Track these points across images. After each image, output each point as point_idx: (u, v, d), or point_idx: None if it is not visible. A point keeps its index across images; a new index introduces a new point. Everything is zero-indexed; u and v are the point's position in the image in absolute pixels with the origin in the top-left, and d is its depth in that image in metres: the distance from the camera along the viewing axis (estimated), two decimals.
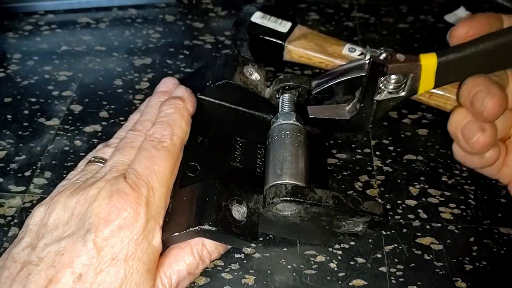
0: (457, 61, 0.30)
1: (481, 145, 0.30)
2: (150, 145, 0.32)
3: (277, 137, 0.34)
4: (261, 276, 0.34)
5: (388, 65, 0.30)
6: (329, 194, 0.31)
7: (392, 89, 0.32)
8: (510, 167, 0.33)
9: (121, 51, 0.51)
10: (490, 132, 0.30)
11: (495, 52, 0.29)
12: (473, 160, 0.32)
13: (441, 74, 0.30)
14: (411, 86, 0.31)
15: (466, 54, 0.29)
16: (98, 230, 0.28)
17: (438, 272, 0.34)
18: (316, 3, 0.57)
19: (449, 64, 0.30)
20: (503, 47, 0.29)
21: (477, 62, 0.29)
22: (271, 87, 0.38)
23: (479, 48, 0.29)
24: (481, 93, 0.29)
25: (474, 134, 0.30)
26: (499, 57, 0.29)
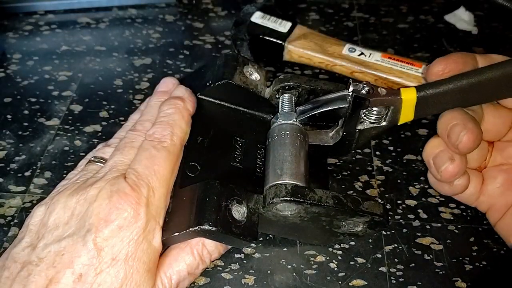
0: (435, 96, 0.32)
1: (449, 174, 0.32)
2: (150, 145, 0.32)
3: (277, 137, 0.34)
4: (261, 276, 0.34)
5: (370, 99, 0.32)
6: (329, 194, 0.31)
7: (374, 119, 0.34)
8: (486, 196, 0.35)
9: (121, 51, 0.51)
10: (458, 162, 0.32)
11: (470, 89, 0.31)
12: (444, 188, 0.34)
13: (420, 107, 0.32)
14: (392, 117, 0.33)
15: (443, 90, 0.31)
16: (98, 230, 0.28)
17: (438, 272, 0.34)
18: (316, 3, 0.57)
19: (427, 99, 0.32)
20: (477, 85, 0.31)
21: (454, 98, 0.32)
22: (271, 87, 0.38)
23: (456, 85, 0.31)
24: (457, 127, 0.31)
25: (444, 163, 0.32)
26: (473, 94, 0.32)
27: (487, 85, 0.31)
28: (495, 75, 0.31)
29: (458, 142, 0.31)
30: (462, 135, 0.30)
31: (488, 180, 0.35)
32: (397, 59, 0.44)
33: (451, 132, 0.31)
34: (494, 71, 0.31)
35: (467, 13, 0.55)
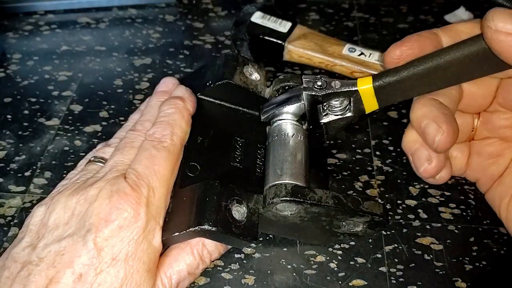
0: (393, 84, 0.30)
1: (428, 175, 0.31)
2: (150, 145, 0.32)
3: (277, 137, 0.34)
4: (261, 276, 0.34)
5: (323, 94, 0.32)
6: (329, 194, 0.31)
7: (338, 111, 0.33)
8: (472, 170, 0.34)
9: (121, 51, 0.51)
10: (436, 163, 0.31)
11: (430, 75, 0.29)
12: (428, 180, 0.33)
13: (381, 96, 0.31)
14: (356, 108, 0.33)
15: (401, 78, 0.30)
16: (99, 230, 0.28)
17: (438, 272, 0.34)
18: (316, 3, 0.57)
19: (386, 87, 0.30)
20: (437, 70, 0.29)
21: (415, 84, 0.30)
22: (271, 87, 0.38)
23: (412, 72, 0.29)
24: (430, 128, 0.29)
25: (422, 164, 0.31)
26: (435, 79, 0.29)
27: (450, 68, 0.28)
28: (455, 57, 0.28)
29: (434, 145, 0.29)
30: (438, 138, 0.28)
31: (474, 154, 0.33)
32: None
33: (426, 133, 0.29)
34: (454, 52, 0.28)
35: (467, 13, 0.55)
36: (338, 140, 0.43)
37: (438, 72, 0.29)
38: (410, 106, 0.45)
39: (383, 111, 0.45)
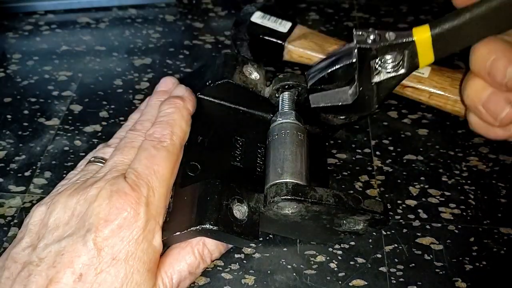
0: (454, 30, 0.28)
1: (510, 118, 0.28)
2: (150, 145, 0.32)
3: (277, 136, 0.34)
4: (261, 276, 0.34)
5: (377, 47, 0.29)
6: (330, 192, 0.31)
7: (390, 68, 0.31)
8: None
9: (121, 51, 0.51)
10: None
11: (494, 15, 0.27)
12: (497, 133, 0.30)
13: (439, 46, 0.29)
14: (410, 63, 0.30)
15: (462, 21, 0.27)
16: (98, 230, 0.28)
17: (438, 272, 0.34)
18: (316, 3, 0.57)
19: (445, 35, 0.28)
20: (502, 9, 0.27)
21: (477, 28, 0.27)
22: (271, 86, 0.38)
23: (475, 13, 0.27)
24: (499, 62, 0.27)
25: (502, 109, 0.28)
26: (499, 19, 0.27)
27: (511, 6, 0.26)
28: None
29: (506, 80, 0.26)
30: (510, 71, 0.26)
31: None
32: None
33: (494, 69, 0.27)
34: None
35: None
36: (338, 140, 0.43)
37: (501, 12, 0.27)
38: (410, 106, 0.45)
39: (383, 111, 0.45)
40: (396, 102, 0.46)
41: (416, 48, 0.29)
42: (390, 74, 0.31)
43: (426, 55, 0.29)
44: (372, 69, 0.30)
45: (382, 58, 0.30)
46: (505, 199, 0.38)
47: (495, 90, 0.28)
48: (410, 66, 0.30)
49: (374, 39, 0.29)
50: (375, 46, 0.29)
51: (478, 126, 0.31)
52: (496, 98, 0.28)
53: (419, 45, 0.29)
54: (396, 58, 0.30)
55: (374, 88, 0.31)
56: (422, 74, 0.42)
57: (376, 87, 0.31)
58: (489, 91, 0.28)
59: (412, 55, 0.29)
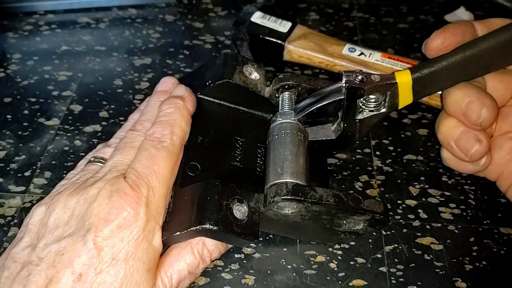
0: (431, 75, 0.31)
1: (480, 155, 0.31)
2: (150, 145, 0.32)
3: (277, 136, 0.34)
4: (261, 276, 0.34)
5: (365, 88, 0.32)
6: (330, 192, 0.31)
7: (372, 107, 0.33)
8: (494, 165, 0.33)
9: (121, 51, 0.51)
10: (486, 142, 0.31)
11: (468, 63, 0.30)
12: (468, 167, 0.33)
13: (418, 88, 0.32)
14: (390, 103, 0.33)
15: (439, 68, 0.30)
16: (98, 230, 0.28)
17: (438, 272, 0.34)
18: (316, 3, 0.57)
19: (424, 79, 0.31)
20: (475, 58, 0.30)
21: (452, 74, 0.30)
22: (271, 86, 0.38)
23: (451, 61, 0.30)
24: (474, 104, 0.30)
25: (472, 146, 0.31)
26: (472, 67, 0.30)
27: (485, 56, 0.30)
28: (490, 45, 0.29)
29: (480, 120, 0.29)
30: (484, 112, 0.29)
31: (495, 149, 0.33)
32: (397, 59, 0.44)
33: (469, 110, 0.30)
34: (489, 41, 0.29)
35: (467, 13, 0.55)
36: None
37: (474, 60, 0.30)
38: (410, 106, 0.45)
39: None
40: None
41: (397, 90, 0.32)
42: (372, 112, 0.33)
43: (405, 97, 0.32)
44: (357, 106, 0.33)
45: (366, 98, 0.33)
46: (505, 199, 0.38)
47: (466, 129, 0.31)
48: (390, 105, 0.33)
49: (361, 79, 0.32)
50: (364, 86, 0.32)
51: (450, 161, 0.34)
52: (466, 136, 0.31)
53: (400, 87, 0.32)
54: (379, 98, 0.33)
55: (357, 124, 0.34)
56: None
57: (359, 124, 0.34)
58: (461, 130, 0.31)
59: (393, 96, 0.32)
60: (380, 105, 0.33)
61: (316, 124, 0.36)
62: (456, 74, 0.30)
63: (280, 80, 0.37)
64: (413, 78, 0.31)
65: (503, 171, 0.33)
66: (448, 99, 0.31)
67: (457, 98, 0.30)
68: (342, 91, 0.33)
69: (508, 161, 0.33)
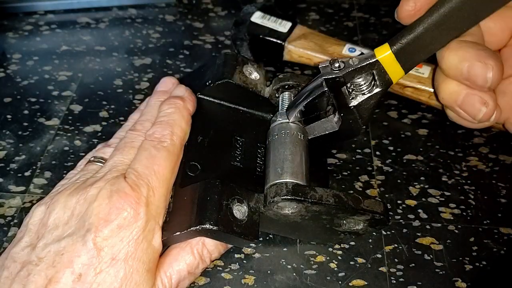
0: (413, 43, 0.29)
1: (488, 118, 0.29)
2: (150, 145, 0.32)
3: (277, 136, 0.34)
4: (261, 276, 0.34)
5: (342, 75, 0.30)
6: (330, 192, 0.31)
7: (364, 89, 0.32)
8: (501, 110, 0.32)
9: (121, 51, 0.51)
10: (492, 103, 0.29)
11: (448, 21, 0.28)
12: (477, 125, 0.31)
13: (404, 59, 0.29)
14: (382, 80, 0.31)
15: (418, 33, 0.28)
16: (98, 230, 0.28)
17: (438, 272, 0.34)
18: (316, 3, 0.57)
19: (406, 48, 0.29)
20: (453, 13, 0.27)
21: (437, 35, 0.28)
22: (271, 86, 0.38)
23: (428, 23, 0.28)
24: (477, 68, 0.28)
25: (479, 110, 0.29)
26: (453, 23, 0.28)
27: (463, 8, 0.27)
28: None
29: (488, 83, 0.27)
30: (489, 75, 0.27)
31: (499, 95, 0.31)
32: None
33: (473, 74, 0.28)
34: None
35: None
36: None
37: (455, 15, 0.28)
38: (410, 106, 0.45)
39: (383, 111, 0.45)
40: (396, 102, 0.46)
41: (382, 66, 0.30)
42: (366, 95, 0.32)
43: (395, 71, 0.30)
44: (346, 94, 0.32)
45: (353, 83, 0.31)
46: (505, 199, 0.38)
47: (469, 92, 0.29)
48: (384, 83, 0.31)
49: (338, 67, 0.31)
50: (341, 74, 0.31)
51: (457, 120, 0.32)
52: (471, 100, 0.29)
53: (384, 63, 0.30)
54: (367, 80, 0.31)
55: (354, 111, 0.33)
56: (422, 74, 0.43)
57: (356, 110, 0.33)
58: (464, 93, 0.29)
59: (381, 73, 0.31)
60: (371, 86, 0.32)
61: (315, 120, 0.36)
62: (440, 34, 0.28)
63: (280, 80, 0.38)
64: (393, 51, 0.29)
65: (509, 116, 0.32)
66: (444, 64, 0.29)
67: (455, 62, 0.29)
68: (322, 84, 0.32)
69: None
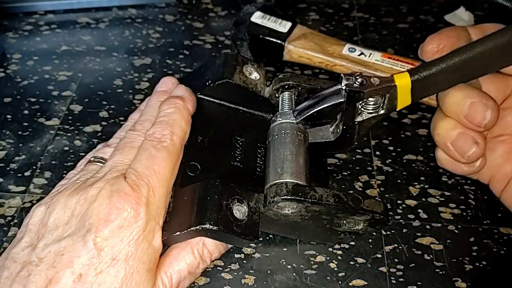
0: (429, 77, 0.31)
1: (476, 157, 0.31)
2: (150, 145, 0.32)
3: (277, 136, 0.34)
4: (261, 276, 0.34)
5: (365, 91, 0.32)
6: (330, 192, 0.31)
7: (371, 109, 0.33)
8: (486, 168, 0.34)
9: (121, 51, 0.51)
10: (483, 144, 0.31)
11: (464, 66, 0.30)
12: (462, 169, 0.33)
13: (416, 91, 0.32)
14: (389, 104, 0.33)
15: (437, 70, 0.31)
16: (98, 230, 0.28)
17: (438, 272, 0.34)
18: (316, 3, 0.57)
19: (422, 81, 0.31)
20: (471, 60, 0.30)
21: (449, 76, 0.31)
22: (271, 86, 0.38)
23: (449, 64, 0.30)
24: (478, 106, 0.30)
25: (470, 148, 0.31)
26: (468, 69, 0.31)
27: (481, 59, 0.30)
28: (487, 48, 0.30)
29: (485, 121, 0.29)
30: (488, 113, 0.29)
31: (487, 152, 0.33)
32: (397, 59, 0.44)
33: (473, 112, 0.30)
34: (486, 44, 0.30)
35: (467, 13, 0.55)
36: None
37: (471, 63, 0.30)
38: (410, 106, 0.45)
39: None
40: None
41: (396, 92, 0.32)
42: (371, 114, 0.34)
43: (404, 99, 0.32)
44: (356, 109, 0.33)
45: (365, 100, 0.33)
46: None
47: (464, 130, 0.31)
48: (389, 107, 0.33)
49: (361, 82, 0.32)
50: (363, 90, 0.32)
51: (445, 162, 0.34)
52: (464, 138, 0.31)
53: (399, 90, 0.32)
54: (378, 101, 0.33)
55: (356, 126, 0.34)
56: None
57: (358, 126, 0.34)
58: (458, 131, 0.31)
59: (392, 98, 0.33)
60: (378, 107, 0.33)
61: (314, 126, 0.36)
62: (454, 76, 0.31)
63: (280, 80, 0.38)
64: (412, 81, 0.31)
65: (495, 174, 0.34)
66: (448, 101, 0.31)
67: (458, 100, 0.31)
68: (341, 94, 0.33)
69: (500, 164, 0.33)
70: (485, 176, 0.34)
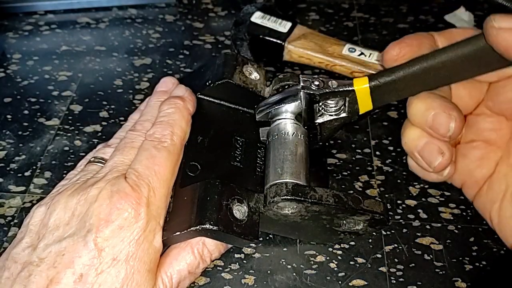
0: (389, 84, 0.31)
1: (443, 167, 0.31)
2: (150, 145, 0.32)
3: (277, 136, 0.34)
4: (261, 276, 0.34)
5: (319, 93, 0.32)
6: (330, 192, 0.31)
7: (333, 112, 0.34)
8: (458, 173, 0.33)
9: (121, 51, 0.51)
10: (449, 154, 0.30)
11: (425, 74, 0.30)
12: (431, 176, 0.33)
13: (376, 96, 0.32)
14: (350, 108, 0.33)
15: (396, 77, 0.30)
16: (99, 231, 0.28)
17: (438, 272, 0.34)
18: (316, 3, 0.57)
19: (381, 87, 0.31)
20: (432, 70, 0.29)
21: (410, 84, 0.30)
22: (271, 86, 0.38)
23: (408, 72, 0.30)
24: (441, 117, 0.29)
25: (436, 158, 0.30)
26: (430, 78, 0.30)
27: (444, 68, 0.29)
28: (451, 57, 0.29)
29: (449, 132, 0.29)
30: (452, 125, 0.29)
31: (460, 157, 0.33)
32: None
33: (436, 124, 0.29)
34: (450, 53, 0.29)
35: (467, 13, 0.55)
36: (338, 140, 0.43)
37: (432, 72, 0.30)
38: None
39: (383, 111, 0.45)
40: (396, 102, 0.46)
41: (356, 96, 0.32)
42: (332, 116, 0.34)
43: (365, 103, 0.32)
44: (315, 111, 0.34)
45: (325, 103, 0.33)
46: None
47: (429, 140, 0.31)
48: (351, 111, 0.33)
49: (318, 85, 0.32)
50: (318, 92, 0.32)
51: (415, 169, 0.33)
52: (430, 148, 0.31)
53: (358, 94, 0.32)
54: (338, 103, 0.33)
55: (317, 128, 0.35)
56: None
57: (319, 127, 0.34)
58: (424, 141, 0.31)
59: (353, 102, 0.32)
60: (340, 110, 0.33)
61: None
62: (415, 84, 0.30)
63: (280, 80, 0.38)
64: (370, 86, 0.31)
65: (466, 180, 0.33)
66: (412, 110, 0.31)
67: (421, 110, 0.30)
68: (298, 95, 0.33)
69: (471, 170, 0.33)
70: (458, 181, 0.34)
